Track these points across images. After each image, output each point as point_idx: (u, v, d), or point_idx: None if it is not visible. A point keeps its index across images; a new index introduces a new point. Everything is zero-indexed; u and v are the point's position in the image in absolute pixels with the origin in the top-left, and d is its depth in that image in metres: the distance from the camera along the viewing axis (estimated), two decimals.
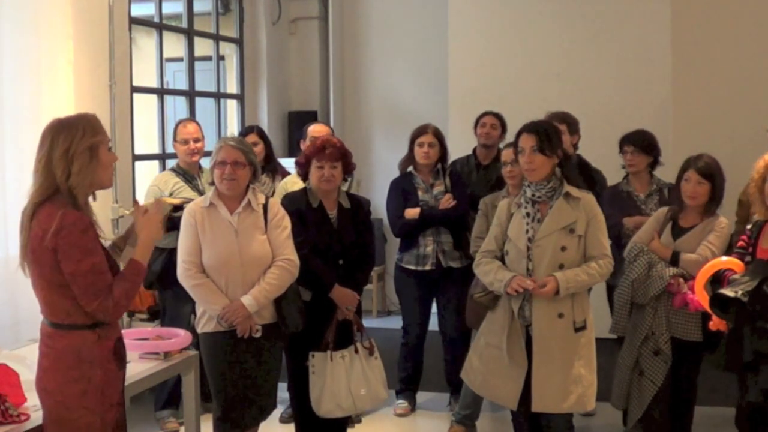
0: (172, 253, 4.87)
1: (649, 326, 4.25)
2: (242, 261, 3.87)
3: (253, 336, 3.86)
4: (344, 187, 4.73)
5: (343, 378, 4.14)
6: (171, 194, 4.99)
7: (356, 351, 4.22)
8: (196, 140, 5.22)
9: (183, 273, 3.90)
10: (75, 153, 2.82)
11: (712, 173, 4.25)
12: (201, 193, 4.97)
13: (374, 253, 4.52)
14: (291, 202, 4.24)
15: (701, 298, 3.81)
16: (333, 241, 4.23)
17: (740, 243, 3.87)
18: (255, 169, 4.00)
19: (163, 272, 4.89)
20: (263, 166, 5.50)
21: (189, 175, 5.18)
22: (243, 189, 3.96)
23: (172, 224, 4.79)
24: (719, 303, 3.60)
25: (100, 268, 2.82)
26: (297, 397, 4.32)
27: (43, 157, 2.83)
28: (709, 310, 3.73)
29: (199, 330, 3.99)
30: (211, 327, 3.90)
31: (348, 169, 4.35)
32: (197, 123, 5.39)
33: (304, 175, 4.34)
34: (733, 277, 3.64)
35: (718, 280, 3.74)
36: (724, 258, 3.85)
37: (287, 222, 4.02)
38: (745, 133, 6.54)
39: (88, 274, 2.79)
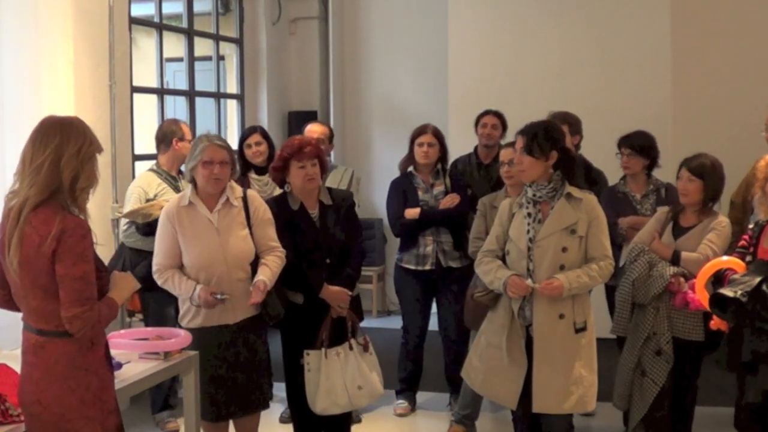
0: None
1: (650, 326, 4.25)
2: (226, 259, 3.92)
3: (220, 299, 3.84)
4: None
5: (338, 375, 4.15)
6: (155, 196, 4.94)
7: (351, 348, 4.23)
8: None
9: (154, 274, 4.00)
10: (85, 156, 2.77)
11: (703, 172, 4.25)
12: None
13: (361, 247, 4.49)
14: (270, 209, 4.20)
15: (702, 297, 3.81)
16: (318, 241, 4.23)
17: (741, 242, 3.87)
18: (234, 166, 4.08)
19: (147, 276, 4.86)
20: (266, 166, 5.49)
21: (170, 176, 5.12)
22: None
23: None
24: (719, 302, 3.60)
25: (90, 277, 2.76)
26: (293, 396, 4.33)
27: (50, 154, 2.73)
28: (709, 309, 3.73)
29: (184, 324, 4.02)
30: (197, 322, 3.96)
31: (323, 165, 4.33)
32: None
33: (281, 181, 4.30)
34: (734, 276, 3.64)
35: (718, 279, 3.74)
36: (725, 257, 3.85)
37: (269, 213, 4.09)
38: (744, 133, 6.52)
39: (79, 280, 2.71)
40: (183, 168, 5.25)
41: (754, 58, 7.02)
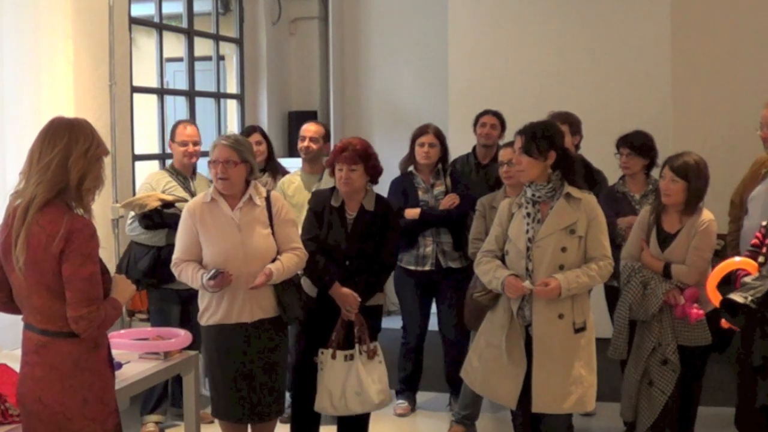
0: (160, 250, 4.86)
1: (656, 338, 4.19)
2: (245, 255, 3.91)
3: (219, 273, 3.80)
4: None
5: (340, 378, 4.16)
6: (162, 192, 4.97)
7: (359, 353, 4.23)
8: (195, 143, 5.18)
9: (171, 267, 4.02)
10: (92, 157, 2.80)
11: (687, 172, 4.15)
12: (192, 194, 4.94)
13: (392, 260, 4.48)
14: (315, 199, 4.34)
15: (713, 298, 3.75)
16: (343, 241, 4.24)
17: (754, 241, 3.83)
18: (252, 166, 4.03)
19: (149, 270, 4.87)
20: (265, 166, 5.49)
21: (182, 176, 5.13)
22: (238, 187, 3.99)
23: (161, 220, 4.80)
24: (729, 307, 3.55)
25: (97, 278, 2.79)
26: (298, 392, 4.34)
27: (59, 153, 2.75)
28: (718, 305, 3.68)
29: (203, 323, 4.02)
30: (216, 319, 3.95)
31: (372, 171, 4.31)
32: (196, 126, 5.37)
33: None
34: (745, 279, 3.57)
35: (729, 279, 3.70)
36: (738, 258, 3.80)
37: (292, 214, 4.11)
38: (744, 133, 6.52)
39: (86, 280, 2.74)
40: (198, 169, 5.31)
41: (753, 58, 7.00)
